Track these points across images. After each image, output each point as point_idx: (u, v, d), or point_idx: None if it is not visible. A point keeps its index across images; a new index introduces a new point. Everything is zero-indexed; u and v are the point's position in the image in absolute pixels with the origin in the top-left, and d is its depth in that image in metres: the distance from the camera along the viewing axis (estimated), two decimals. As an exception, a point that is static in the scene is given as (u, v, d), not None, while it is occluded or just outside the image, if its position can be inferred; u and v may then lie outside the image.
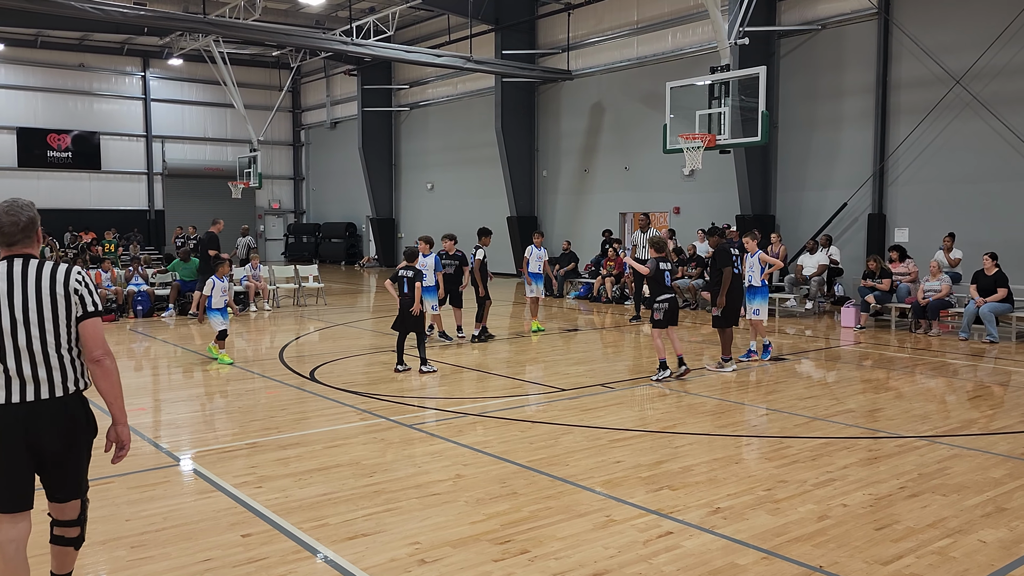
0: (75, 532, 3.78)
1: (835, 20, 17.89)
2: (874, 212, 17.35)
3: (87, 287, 3.57)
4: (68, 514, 3.73)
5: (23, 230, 3.53)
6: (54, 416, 3.50)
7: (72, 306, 3.52)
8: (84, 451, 3.68)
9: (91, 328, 3.54)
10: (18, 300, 3.45)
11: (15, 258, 3.52)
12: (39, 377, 3.46)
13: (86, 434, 3.66)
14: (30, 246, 3.56)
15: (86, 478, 3.76)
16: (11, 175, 31.71)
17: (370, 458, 6.55)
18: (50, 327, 3.47)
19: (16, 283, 3.46)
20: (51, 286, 3.48)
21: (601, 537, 4.88)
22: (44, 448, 3.51)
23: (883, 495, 5.61)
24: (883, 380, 9.99)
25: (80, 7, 18.19)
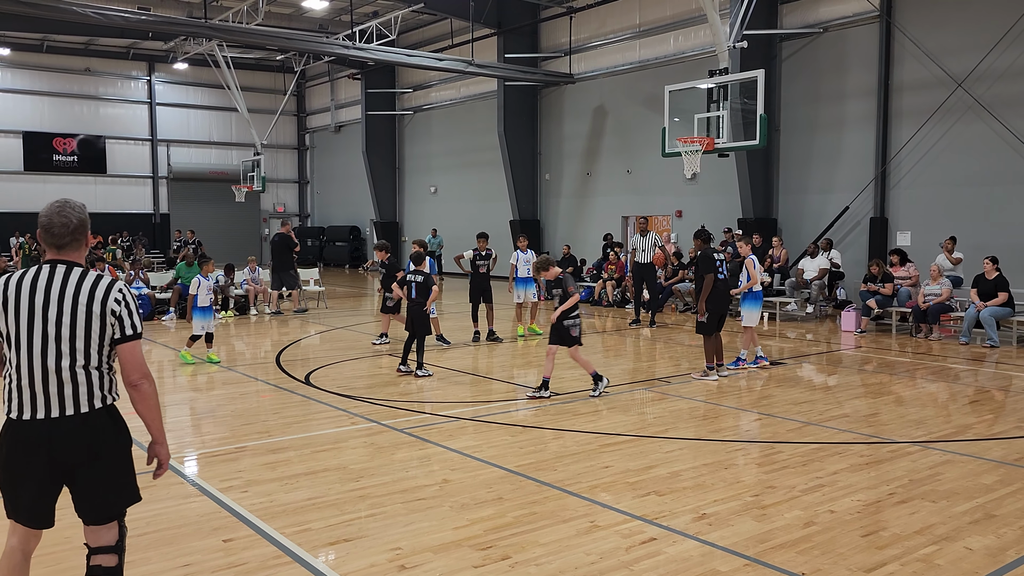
0: (112, 561, 3.47)
1: (837, 23, 17.83)
2: (876, 216, 17.27)
3: (127, 307, 3.35)
4: (104, 539, 3.45)
5: (72, 232, 3.37)
6: (76, 433, 3.31)
7: (108, 327, 3.32)
8: (111, 467, 3.39)
9: (129, 352, 3.35)
10: (52, 314, 3.26)
11: (58, 264, 3.35)
12: (64, 394, 3.29)
13: (112, 450, 3.40)
14: (78, 251, 3.41)
15: (124, 499, 3.47)
16: (17, 179, 31.89)
17: (358, 463, 6.54)
18: (81, 345, 3.29)
19: (53, 295, 3.28)
20: (88, 303, 3.28)
21: (584, 543, 4.85)
22: (68, 465, 3.33)
23: (872, 501, 5.57)
24: (882, 385, 9.92)
25: (82, 12, 18.27)
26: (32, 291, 3.30)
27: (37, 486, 3.34)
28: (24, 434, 3.30)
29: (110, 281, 3.37)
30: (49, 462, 3.31)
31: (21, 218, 31.07)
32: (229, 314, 17.10)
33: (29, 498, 3.37)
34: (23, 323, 3.29)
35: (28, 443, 3.30)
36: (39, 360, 3.28)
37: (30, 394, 3.30)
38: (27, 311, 3.29)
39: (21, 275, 3.36)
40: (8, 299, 3.31)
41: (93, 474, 3.36)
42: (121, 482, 3.44)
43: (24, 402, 3.31)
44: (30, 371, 3.29)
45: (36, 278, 3.31)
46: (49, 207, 3.38)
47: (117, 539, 3.48)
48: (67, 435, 3.30)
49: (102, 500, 3.42)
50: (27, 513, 3.41)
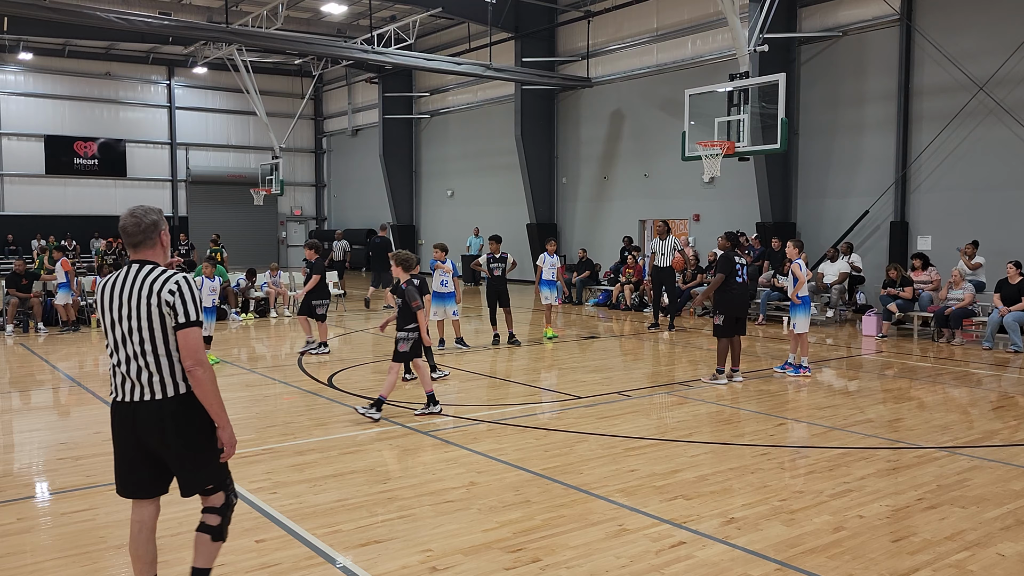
0: (215, 520, 3.86)
1: (856, 26, 17.76)
2: (896, 220, 17.18)
3: (181, 297, 3.61)
4: (212, 501, 3.87)
5: (144, 231, 3.71)
6: (152, 417, 3.66)
7: (166, 316, 3.63)
8: (191, 450, 3.71)
9: (183, 338, 3.62)
10: (126, 310, 3.66)
11: (134, 264, 3.73)
12: (143, 380, 3.66)
13: (185, 434, 3.69)
14: (152, 249, 3.75)
15: (209, 476, 3.79)
16: (39, 182, 32.23)
17: (385, 465, 6.58)
18: (148, 335, 3.64)
19: (127, 292, 3.66)
20: (148, 295, 3.63)
21: (613, 546, 4.86)
22: (150, 445, 3.71)
23: (901, 506, 5.55)
24: (905, 390, 9.87)
25: (105, 17, 18.47)
26: (113, 289, 3.72)
27: (131, 460, 3.76)
28: (119, 415, 3.76)
29: (169, 274, 3.67)
30: (137, 440, 3.72)
31: (43, 220, 31.45)
32: (249, 317, 17.22)
33: (126, 471, 3.80)
34: (110, 317, 3.72)
35: (121, 422, 3.75)
36: (123, 350, 3.69)
37: (120, 379, 3.73)
38: (110, 307, 3.71)
39: (110, 277, 3.80)
40: (102, 297, 3.77)
41: (170, 455, 3.72)
42: (198, 462, 3.75)
43: (117, 386, 3.75)
44: (119, 360, 3.71)
45: (118, 279, 3.74)
46: (126, 212, 3.76)
47: (223, 503, 3.88)
48: (146, 418, 3.67)
49: (186, 477, 3.77)
50: (125, 484, 3.82)
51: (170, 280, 3.64)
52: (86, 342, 14.31)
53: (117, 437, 3.79)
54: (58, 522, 5.35)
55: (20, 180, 31.97)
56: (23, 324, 15.38)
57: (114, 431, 3.80)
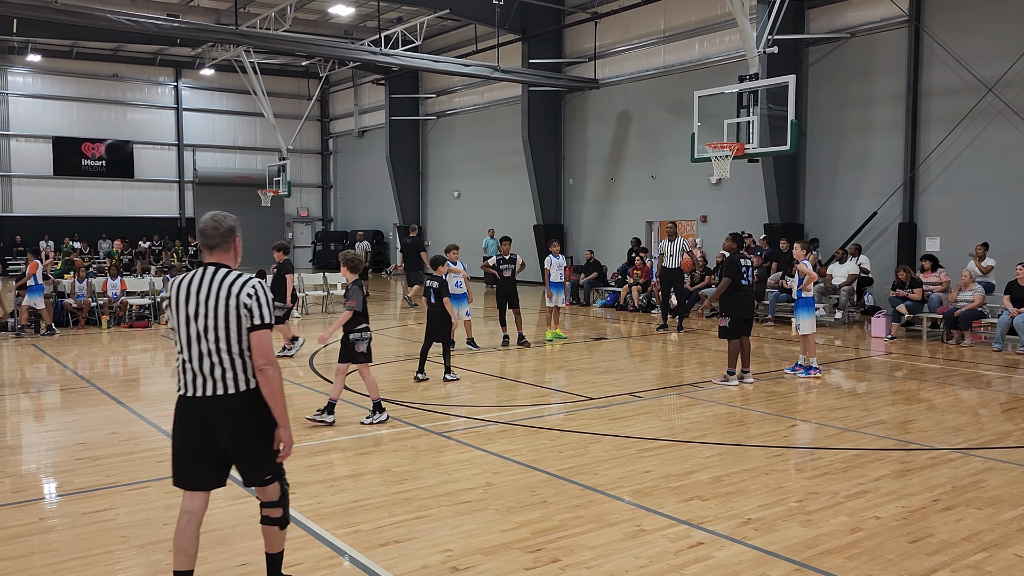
0: (277, 512, 4.06)
1: (865, 28, 17.77)
2: (905, 221, 17.17)
3: (257, 300, 3.83)
4: (269, 495, 4.05)
5: (222, 235, 3.93)
6: (223, 411, 3.85)
7: (242, 317, 3.83)
8: (256, 441, 3.91)
9: (256, 339, 3.83)
10: (202, 309, 3.83)
11: (209, 266, 3.92)
12: (215, 376, 3.84)
13: (253, 426, 3.89)
14: (227, 253, 3.97)
15: (269, 468, 4.00)
16: (47, 183, 32.37)
17: (400, 465, 6.61)
18: (223, 334, 3.82)
19: (203, 292, 3.85)
20: (227, 297, 3.82)
21: (632, 547, 4.89)
22: (219, 439, 3.88)
23: (916, 508, 5.57)
24: (915, 391, 9.88)
25: (116, 19, 18.55)
26: (189, 289, 3.89)
27: (195, 452, 3.91)
28: (187, 408, 3.90)
29: (246, 278, 3.88)
30: (205, 433, 3.87)
31: (51, 221, 31.60)
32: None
33: (187, 463, 3.93)
34: (183, 315, 3.88)
35: (191, 416, 3.88)
36: (196, 347, 3.85)
37: (191, 375, 3.87)
38: (185, 306, 3.87)
39: (184, 276, 3.96)
40: (174, 296, 3.93)
41: (240, 446, 3.91)
42: (261, 454, 3.95)
43: (187, 381, 3.89)
44: (190, 356, 3.87)
45: (193, 278, 3.91)
46: (204, 216, 4.00)
47: (280, 495, 4.07)
48: (217, 412, 3.85)
49: (250, 468, 3.97)
50: (186, 477, 3.96)
51: (247, 284, 3.85)
52: (97, 343, 14.37)
53: (183, 430, 3.92)
54: (79, 522, 5.39)
55: (28, 181, 32.13)
56: (35, 325, 15.44)
57: (180, 424, 3.93)
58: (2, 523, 5.34)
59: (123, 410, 8.80)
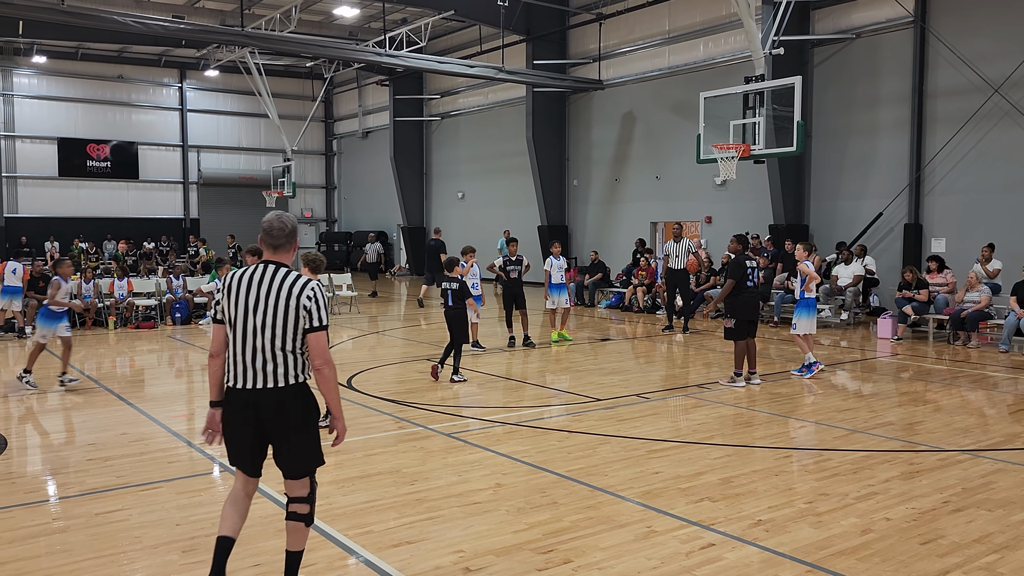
0: (304, 509, 4.16)
1: (870, 29, 17.77)
2: (910, 222, 17.17)
3: (316, 303, 3.98)
4: (297, 491, 4.15)
5: (287, 236, 4.10)
6: (271, 404, 3.99)
7: (300, 318, 3.97)
8: (298, 436, 4.06)
9: (314, 341, 3.97)
10: (261, 306, 3.97)
11: (270, 264, 4.06)
12: (266, 371, 3.98)
13: (299, 420, 4.04)
14: (288, 252, 4.13)
15: (310, 461, 4.15)
16: (52, 184, 32.43)
17: (410, 466, 6.63)
18: (280, 332, 3.96)
19: (263, 291, 3.98)
20: (287, 298, 3.96)
21: (643, 548, 4.91)
22: (267, 429, 4.04)
23: (926, 509, 5.58)
24: (922, 392, 9.89)
25: (122, 21, 18.61)
26: (249, 285, 4.02)
27: (247, 441, 4.10)
28: (239, 399, 4.04)
29: (305, 280, 4.01)
30: (255, 424, 4.03)
31: (56, 222, 31.65)
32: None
33: (242, 451, 4.14)
34: (240, 311, 4.01)
35: (241, 406, 4.04)
36: (251, 341, 3.99)
37: (243, 367, 4.01)
38: (243, 301, 4.00)
39: (243, 272, 4.09)
40: (231, 290, 4.06)
41: (284, 438, 4.05)
42: (306, 447, 4.11)
43: (239, 374, 4.03)
44: (243, 349, 4.00)
45: (254, 275, 4.04)
46: (271, 215, 4.16)
47: (309, 491, 4.18)
48: (266, 403, 3.99)
49: (292, 460, 4.11)
50: (241, 462, 4.17)
51: (307, 287, 3.99)
52: (104, 344, 14.41)
53: (235, 420, 4.07)
54: (92, 522, 5.41)
55: (33, 182, 32.18)
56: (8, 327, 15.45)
57: (231, 415, 4.07)
58: (16, 523, 5.37)
59: (132, 411, 8.82)
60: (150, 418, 8.45)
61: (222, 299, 4.10)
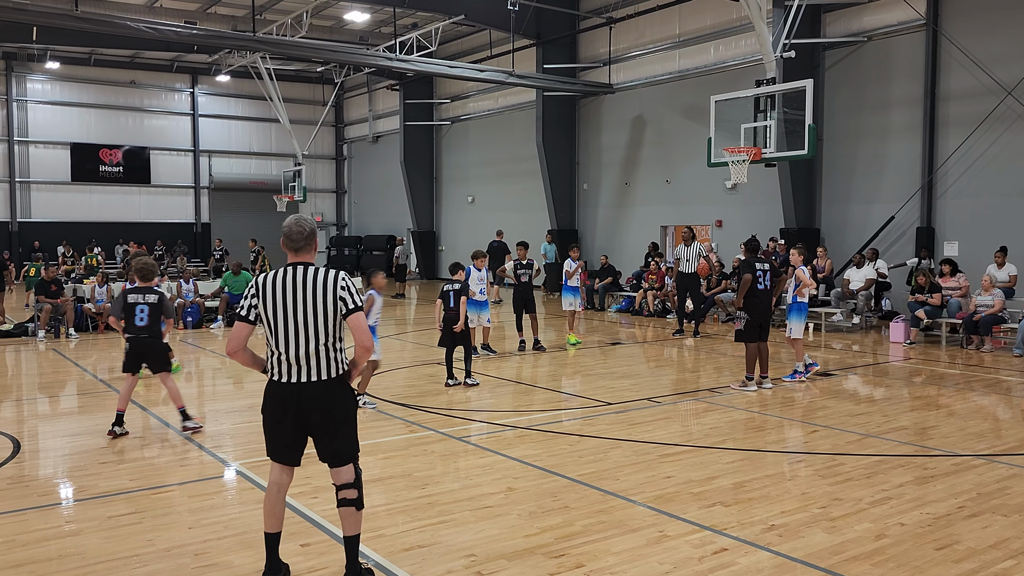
0: (353, 494, 4.36)
1: (882, 32, 17.69)
2: (922, 225, 17.07)
3: (348, 290, 4.24)
4: (344, 477, 4.37)
5: (306, 238, 4.31)
6: (316, 396, 4.25)
7: (338, 307, 4.22)
8: (342, 425, 4.33)
9: (354, 321, 4.22)
10: (300, 304, 4.20)
11: (298, 266, 4.27)
12: (310, 364, 4.23)
13: (342, 411, 4.32)
14: (309, 253, 4.34)
15: (353, 447, 4.40)
16: (65, 189, 32.66)
17: (421, 470, 6.63)
18: (321, 326, 4.21)
19: (298, 288, 4.21)
20: (323, 290, 4.20)
21: (656, 552, 4.88)
22: (310, 421, 4.27)
23: (941, 515, 5.53)
24: (935, 397, 9.82)
25: (135, 27, 18.72)
26: (284, 286, 4.23)
27: (288, 433, 4.33)
28: (281, 392, 4.28)
29: (336, 272, 4.27)
30: (296, 415, 4.26)
31: (69, 227, 31.87)
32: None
33: (282, 442, 4.36)
34: (280, 310, 4.22)
35: (284, 399, 4.27)
36: (292, 338, 4.21)
37: (287, 363, 4.25)
38: (282, 301, 4.22)
39: (274, 274, 4.28)
40: (267, 292, 4.25)
41: (326, 427, 4.30)
42: (347, 433, 4.37)
43: (282, 369, 4.27)
44: (286, 346, 4.22)
45: (286, 276, 4.25)
46: (290, 219, 4.35)
47: (355, 477, 4.40)
48: (310, 396, 4.25)
49: (335, 448, 4.34)
50: (280, 453, 4.40)
51: (339, 277, 4.26)
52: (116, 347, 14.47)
53: (276, 412, 4.30)
54: (105, 525, 5.43)
55: (47, 187, 32.43)
56: (55, 330, 15.58)
57: (273, 407, 4.31)
58: (29, 526, 5.39)
59: (144, 414, 8.86)
60: (162, 422, 8.48)
61: (257, 302, 4.29)
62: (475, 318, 12.31)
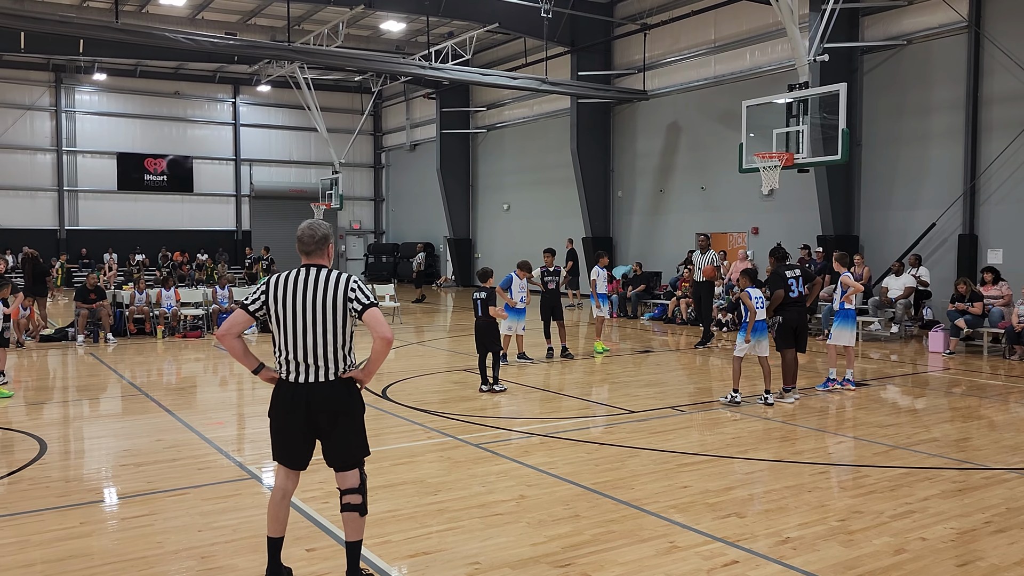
0: (357, 499, 4.37)
1: (922, 35, 17.30)
2: (965, 232, 16.61)
3: (359, 290, 4.26)
4: (349, 482, 4.38)
5: (317, 243, 4.34)
6: (324, 396, 4.25)
7: (349, 309, 4.23)
8: (350, 426, 4.33)
9: (371, 316, 4.21)
10: (309, 304, 4.21)
11: (311, 268, 4.30)
12: (318, 364, 4.24)
13: (349, 411, 4.33)
14: (321, 257, 4.36)
15: (360, 451, 4.39)
16: (111, 197, 33.44)
17: (436, 476, 6.60)
18: (331, 326, 4.22)
19: (308, 287, 4.23)
20: (334, 292, 4.22)
21: (663, 563, 4.78)
22: (318, 421, 4.27)
23: (967, 529, 5.33)
24: (973, 408, 9.51)
25: (175, 38, 19.12)
26: (295, 287, 4.25)
27: (297, 434, 4.32)
28: (291, 392, 4.28)
29: (343, 273, 4.30)
30: (306, 416, 4.26)
31: (115, 235, 32.63)
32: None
33: (290, 444, 4.36)
34: (290, 310, 4.23)
35: (293, 399, 4.27)
36: (301, 338, 4.22)
37: (295, 363, 4.26)
38: (292, 301, 4.23)
39: (286, 275, 4.31)
40: (278, 293, 4.26)
41: (336, 429, 4.29)
42: (355, 437, 4.37)
43: (291, 369, 4.28)
44: (295, 346, 4.24)
45: (296, 277, 4.28)
46: (303, 224, 4.39)
47: (360, 482, 4.40)
48: (319, 396, 4.25)
49: (341, 451, 4.34)
50: (287, 456, 4.39)
51: (349, 279, 4.27)
52: (152, 352, 14.73)
53: (285, 413, 4.30)
54: (118, 527, 5.50)
55: (94, 196, 33.23)
56: (93, 334, 15.92)
57: (282, 408, 4.31)
58: (45, 527, 5.47)
59: (171, 418, 8.97)
60: (186, 425, 8.58)
61: (267, 300, 4.29)
62: (514, 326, 12.32)
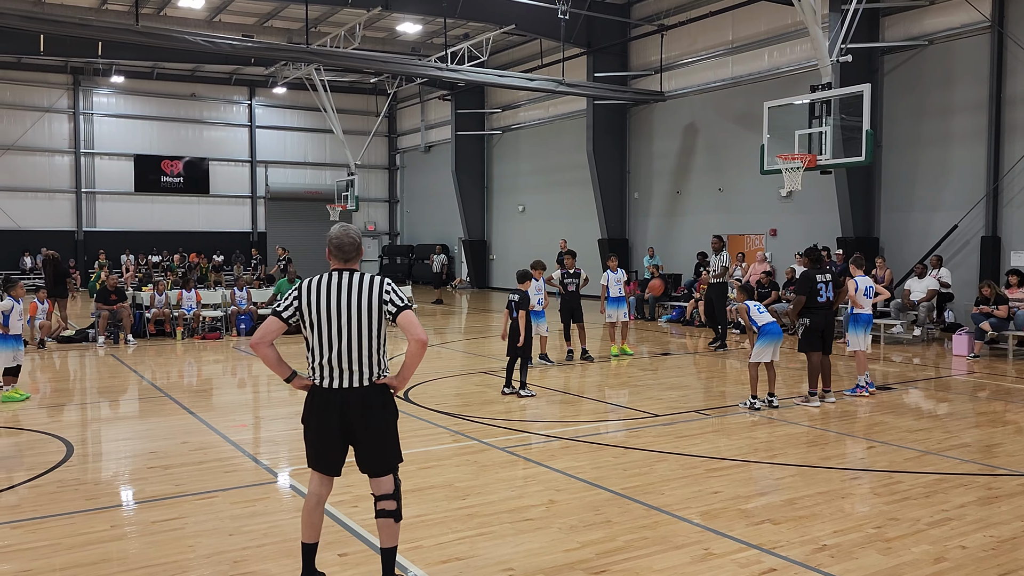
0: (392, 505, 4.35)
1: (943, 35, 17.14)
2: (987, 234, 16.44)
3: (394, 293, 4.26)
4: (383, 488, 4.35)
5: (356, 249, 4.36)
6: (358, 401, 4.23)
7: (384, 312, 4.23)
8: (385, 431, 4.32)
9: (406, 319, 4.19)
10: (344, 308, 4.20)
11: (344, 272, 4.29)
12: (352, 369, 4.22)
13: (383, 416, 4.30)
14: (356, 261, 4.38)
15: (394, 457, 4.37)
16: (128, 199, 33.63)
17: (463, 480, 6.56)
18: (366, 330, 4.21)
19: (343, 292, 4.22)
20: (369, 296, 4.22)
21: (700, 571, 4.72)
22: (352, 427, 4.25)
23: (1006, 537, 5.25)
24: (1000, 413, 9.39)
25: (192, 40, 19.18)
26: (329, 291, 4.23)
27: (331, 439, 4.30)
28: (325, 398, 4.27)
29: (380, 278, 4.29)
30: (340, 421, 4.24)
31: (132, 236, 32.79)
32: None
33: (324, 449, 4.33)
34: (324, 314, 4.21)
35: (327, 405, 4.26)
36: (336, 343, 4.20)
37: (330, 368, 4.24)
38: (326, 306, 4.21)
39: (319, 279, 4.28)
40: (311, 298, 4.24)
41: (369, 434, 4.28)
42: (389, 443, 4.35)
43: (325, 374, 4.26)
44: (330, 351, 4.21)
45: (331, 281, 4.26)
46: (338, 230, 4.36)
47: (394, 488, 4.37)
48: (353, 401, 4.23)
49: (376, 457, 4.32)
50: (321, 462, 4.37)
51: (383, 281, 4.27)
52: (172, 353, 14.78)
53: (320, 418, 4.29)
54: (148, 530, 5.49)
55: (111, 197, 33.42)
56: (113, 336, 15.98)
57: (317, 413, 4.29)
58: (76, 530, 5.47)
59: (194, 420, 8.98)
60: (211, 428, 8.58)
61: (300, 305, 4.27)
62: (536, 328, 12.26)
